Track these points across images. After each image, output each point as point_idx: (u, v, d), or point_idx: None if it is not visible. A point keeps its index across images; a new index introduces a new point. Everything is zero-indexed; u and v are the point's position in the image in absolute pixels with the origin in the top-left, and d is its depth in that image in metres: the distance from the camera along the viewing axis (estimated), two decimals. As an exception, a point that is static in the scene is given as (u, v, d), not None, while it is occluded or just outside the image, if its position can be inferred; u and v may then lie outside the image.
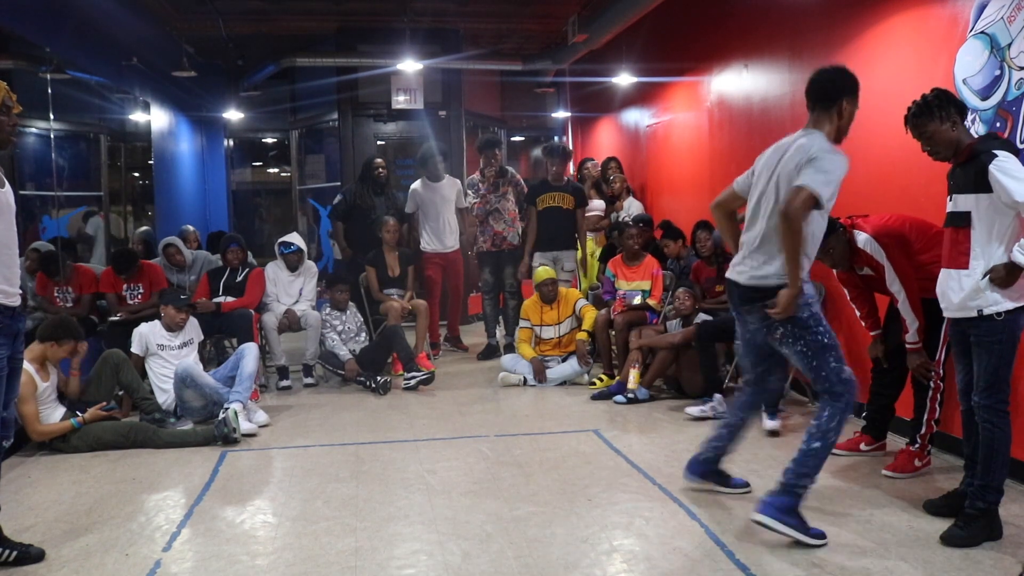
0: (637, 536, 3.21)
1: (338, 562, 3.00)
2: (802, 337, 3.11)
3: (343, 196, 7.09)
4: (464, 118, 9.20)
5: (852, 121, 3.20)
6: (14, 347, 2.99)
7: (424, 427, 4.89)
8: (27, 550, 3.06)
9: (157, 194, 8.87)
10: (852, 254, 3.82)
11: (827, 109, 3.17)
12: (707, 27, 6.58)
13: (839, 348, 3.16)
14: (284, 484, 3.91)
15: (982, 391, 3.03)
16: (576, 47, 7.82)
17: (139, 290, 5.98)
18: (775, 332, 3.16)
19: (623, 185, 7.64)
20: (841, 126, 3.17)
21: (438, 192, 6.95)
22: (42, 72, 5.86)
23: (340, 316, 6.13)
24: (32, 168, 6.38)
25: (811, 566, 2.88)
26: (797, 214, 2.93)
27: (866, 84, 4.55)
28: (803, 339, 3.11)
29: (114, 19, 7.01)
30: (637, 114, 8.33)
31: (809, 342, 3.10)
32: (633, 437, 4.57)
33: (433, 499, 3.63)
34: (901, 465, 3.81)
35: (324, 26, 8.68)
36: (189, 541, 3.26)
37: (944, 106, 3.05)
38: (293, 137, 10.59)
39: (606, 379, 5.74)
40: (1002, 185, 2.85)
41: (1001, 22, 3.65)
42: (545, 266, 6.20)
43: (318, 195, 10.20)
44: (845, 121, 3.17)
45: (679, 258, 6.04)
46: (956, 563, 2.90)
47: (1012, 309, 2.95)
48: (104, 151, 7.64)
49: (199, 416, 4.95)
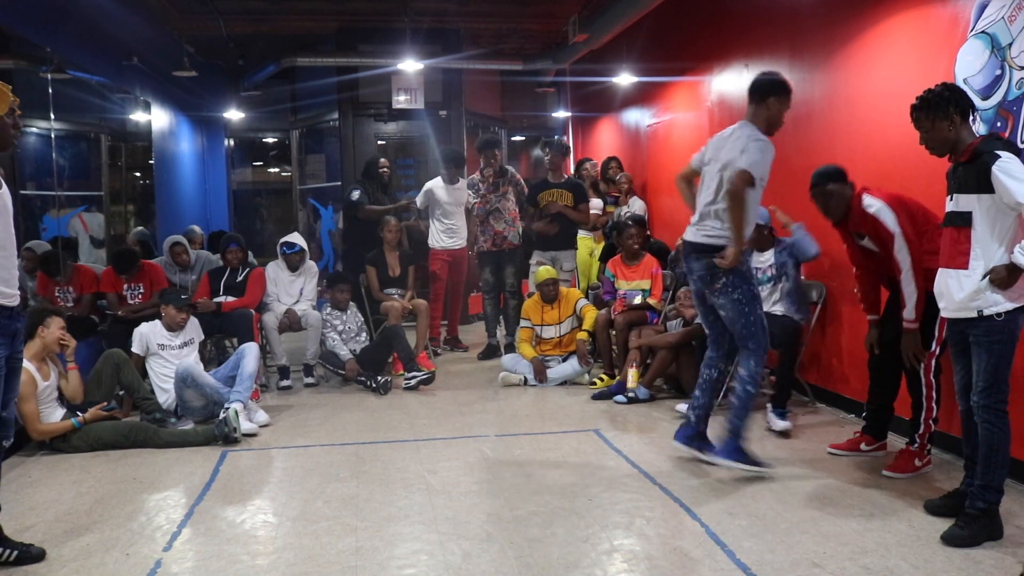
0: (638, 536, 3.21)
1: (338, 562, 3.00)
2: (739, 286, 3.77)
3: (362, 190, 7.05)
4: (465, 118, 9.21)
5: (781, 115, 3.85)
6: (13, 347, 2.99)
7: (425, 427, 4.90)
8: (28, 550, 3.07)
9: (158, 194, 8.88)
10: (848, 213, 3.86)
11: (758, 104, 3.82)
12: (708, 27, 6.58)
13: (761, 301, 3.88)
14: (285, 484, 3.92)
15: (981, 391, 3.03)
16: (576, 47, 7.81)
17: (140, 290, 5.98)
18: (717, 282, 3.79)
19: (630, 185, 7.66)
20: (770, 118, 3.82)
21: (452, 193, 7.01)
22: (43, 72, 5.87)
23: (341, 316, 6.14)
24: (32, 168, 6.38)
25: (812, 566, 2.88)
26: (739, 191, 3.62)
27: (866, 84, 4.59)
28: (740, 288, 3.77)
29: (115, 19, 7.01)
30: (637, 114, 8.33)
31: (745, 291, 3.78)
32: (633, 437, 4.57)
33: (434, 499, 3.63)
34: (901, 465, 3.80)
35: (324, 26, 8.68)
36: (190, 541, 3.26)
37: (943, 106, 3.04)
38: (294, 137, 10.59)
39: (606, 379, 5.74)
40: (1004, 186, 2.85)
41: (1002, 22, 3.65)
42: (546, 266, 6.20)
43: (318, 195, 10.21)
44: (774, 114, 3.81)
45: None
46: (957, 563, 2.90)
47: (1011, 309, 2.95)
48: (105, 151, 7.64)
49: (200, 416, 4.95)
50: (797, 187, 5.34)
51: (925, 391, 3.76)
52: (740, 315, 3.79)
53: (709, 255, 3.79)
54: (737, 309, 3.79)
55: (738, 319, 3.80)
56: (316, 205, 10.24)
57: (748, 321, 3.79)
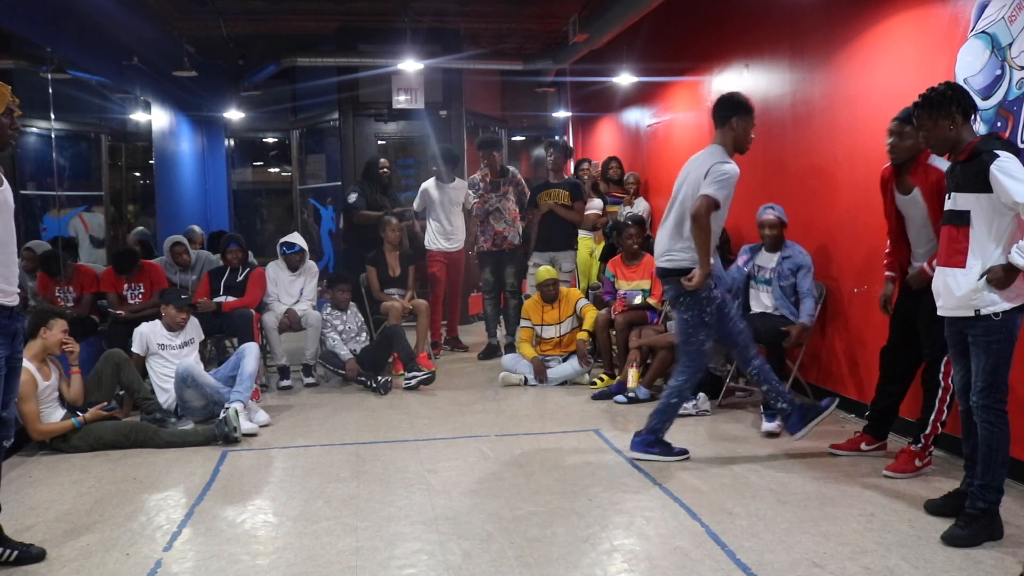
0: (638, 536, 3.21)
1: (339, 562, 3.00)
2: (693, 308, 3.94)
3: (360, 193, 7.07)
4: (465, 118, 9.21)
5: (747, 134, 3.92)
6: (13, 346, 2.99)
7: (425, 427, 4.90)
8: (28, 550, 3.07)
9: (158, 194, 8.88)
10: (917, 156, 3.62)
11: (722, 127, 3.93)
12: (708, 27, 6.57)
13: (712, 330, 3.99)
14: (285, 484, 3.92)
15: (980, 391, 3.03)
16: (577, 47, 7.81)
17: (140, 289, 5.98)
18: (679, 300, 3.98)
19: (637, 185, 7.68)
20: (736, 138, 3.91)
21: (448, 193, 7.00)
22: (43, 72, 5.86)
23: (341, 316, 6.14)
24: (33, 168, 6.39)
25: (812, 566, 2.88)
26: (702, 216, 3.76)
27: (867, 84, 4.59)
28: (693, 310, 3.94)
29: (115, 19, 7.01)
30: (638, 114, 8.33)
31: (696, 314, 3.94)
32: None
33: (434, 499, 3.63)
34: (902, 465, 3.80)
35: (325, 26, 8.68)
36: (190, 541, 3.26)
37: (946, 104, 3.03)
38: (294, 137, 10.59)
39: (607, 379, 5.74)
40: (1003, 186, 2.85)
41: (1002, 22, 3.65)
42: (545, 266, 6.20)
43: (319, 195, 10.21)
44: (739, 134, 3.90)
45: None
46: (957, 563, 2.90)
47: (1009, 309, 2.96)
48: (105, 151, 7.65)
49: (200, 416, 4.95)
50: (797, 187, 5.36)
51: (940, 393, 3.70)
52: (684, 335, 4.05)
53: (676, 277, 3.96)
54: (683, 329, 4.04)
55: (681, 336, 4.07)
56: (316, 205, 10.25)
57: (688, 343, 4.03)
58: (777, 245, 4.91)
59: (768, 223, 4.88)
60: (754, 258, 5.02)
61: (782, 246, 4.91)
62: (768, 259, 4.94)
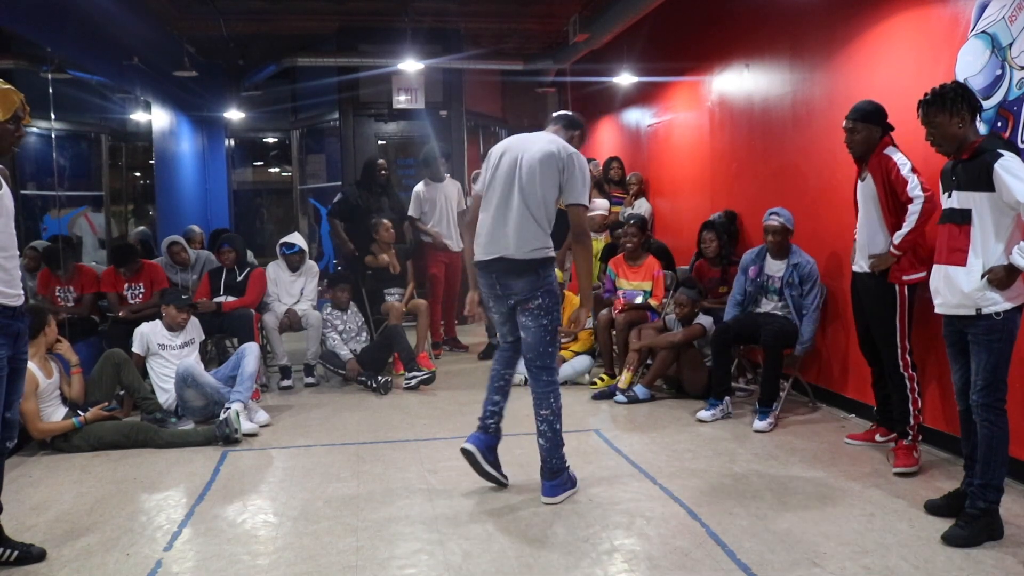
0: (638, 536, 3.21)
1: (339, 561, 3.01)
2: (551, 312, 3.58)
3: (344, 196, 7.09)
4: (465, 118, 9.21)
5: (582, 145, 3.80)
6: (15, 347, 2.99)
7: (425, 427, 4.89)
8: (28, 550, 3.07)
9: (158, 194, 8.87)
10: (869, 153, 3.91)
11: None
12: (708, 27, 6.57)
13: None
14: (285, 484, 3.92)
15: (980, 390, 3.03)
16: (577, 47, 7.81)
17: (140, 289, 5.98)
18: (532, 302, 3.55)
19: (640, 186, 7.68)
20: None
21: (441, 192, 6.98)
22: (43, 72, 5.86)
23: (341, 316, 6.14)
24: (33, 168, 6.38)
25: (812, 566, 2.88)
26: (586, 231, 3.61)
27: (867, 84, 4.59)
28: (551, 315, 3.58)
29: (115, 19, 7.01)
30: (638, 114, 8.33)
31: (554, 319, 3.60)
32: (634, 437, 4.57)
33: (434, 499, 3.63)
34: (904, 460, 3.83)
35: (325, 26, 8.68)
36: (190, 541, 3.26)
37: (958, 102, 3.05)
38: (294, 137, 10.60)
39: (607, 379, 5.73)
40: (1006, 185, 2.87)
41: (1002, 22, 3.65)
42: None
43: (319, 195, 10.21)
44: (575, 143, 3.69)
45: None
46: (957, 563, 2.90)
47: (1010, 309, 2.96)
48: (105, 151, 7.64)
49: (200, 416, 4.96)
50: (797, 187, 5.36)
51: (908, 383, 3.88)
52: (541, 342, 3.58)
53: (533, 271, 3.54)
54: (541, 335, 3.57)
55: (538, 344, 3.58)
56: (317, 205, 10.25)
57: (547, 351, 3.59)
58: (783, 251, 4.87)
59: (773, 229, 4.82)
60: (762, 266, 4.97)
61: (789, 252, 4.86)
62: (776, 267, 4.89)
